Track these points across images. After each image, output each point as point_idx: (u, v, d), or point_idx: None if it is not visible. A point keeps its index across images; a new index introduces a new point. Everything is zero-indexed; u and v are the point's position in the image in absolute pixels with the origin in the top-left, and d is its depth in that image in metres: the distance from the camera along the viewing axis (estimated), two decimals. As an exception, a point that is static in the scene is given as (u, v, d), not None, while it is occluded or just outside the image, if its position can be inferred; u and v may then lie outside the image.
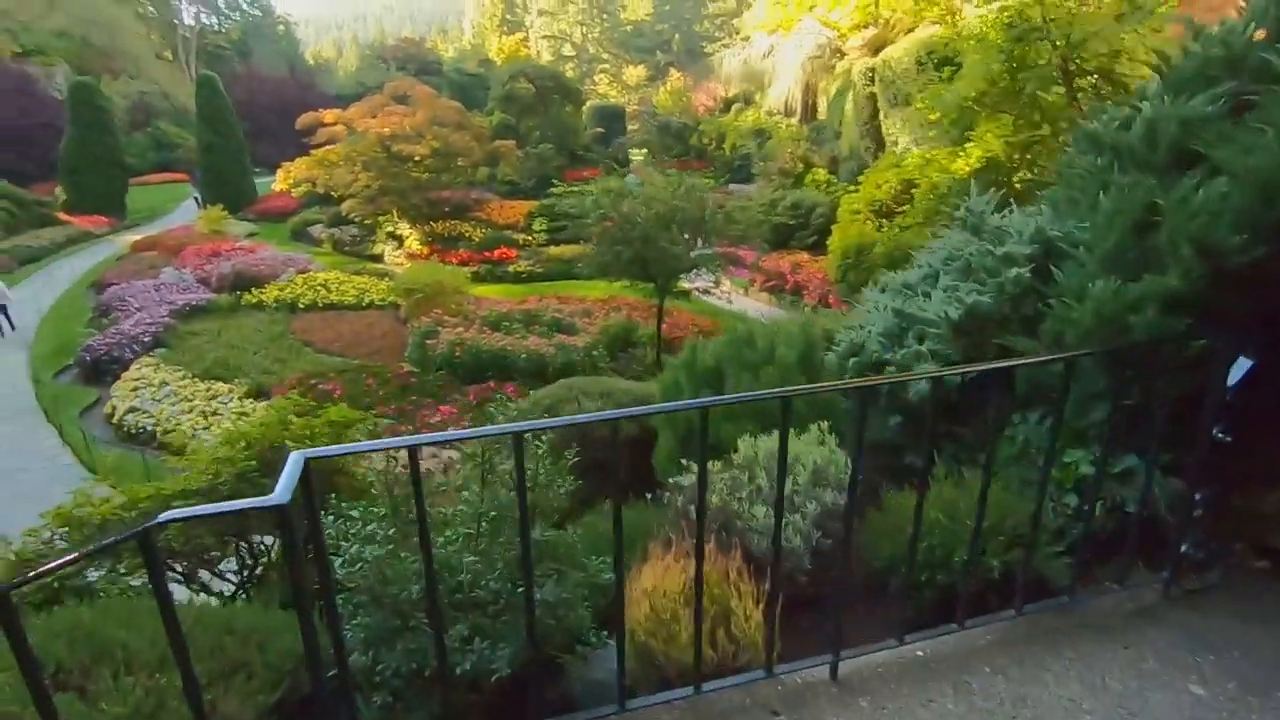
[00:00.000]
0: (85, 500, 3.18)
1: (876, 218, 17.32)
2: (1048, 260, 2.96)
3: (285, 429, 3.60)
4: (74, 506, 3.10)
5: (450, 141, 24.56)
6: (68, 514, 3.04)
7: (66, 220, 30.10)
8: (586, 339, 13.09)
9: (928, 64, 18.97)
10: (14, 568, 2.79)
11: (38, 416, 13.28)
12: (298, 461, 1.53)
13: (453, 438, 2.77)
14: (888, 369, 3.32)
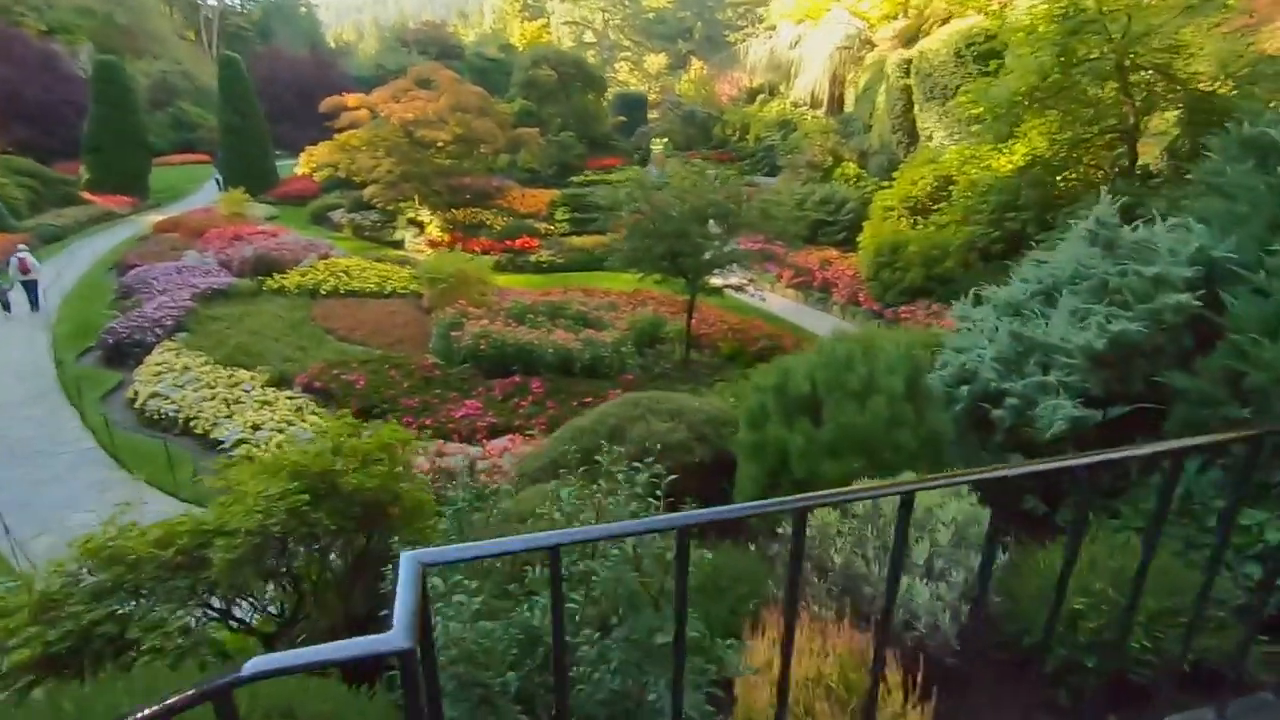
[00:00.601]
0: (118, 532, 2.90)
1: (911, 215, 16.87)
2: (1211, 284, 2.61)
3: (338, 456, 3.29)
4: (106, 539, 2.82)
5: (473, 127, 24.27)
6: (99, 547, 2.76)
7: (89, 199, 30.13)
8: (614, 334, 12.80)
9: (967, 56, 18.42)
10: (41, 606, 2.55)
11: (60, 398, 13.19)
12: (414, 571, 1.15)
13: (602, 534, 2.02)
14: (1007, 400, 2.98)
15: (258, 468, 3.31)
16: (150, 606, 2.65)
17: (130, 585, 2.57)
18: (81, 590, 2.61)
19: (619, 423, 3.76)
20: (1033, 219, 12.84)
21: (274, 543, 2.82)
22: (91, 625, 2.43)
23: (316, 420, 11.30)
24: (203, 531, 2.80)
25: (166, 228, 24.95)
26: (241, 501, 2.95)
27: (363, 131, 24.93)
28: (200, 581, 2.65)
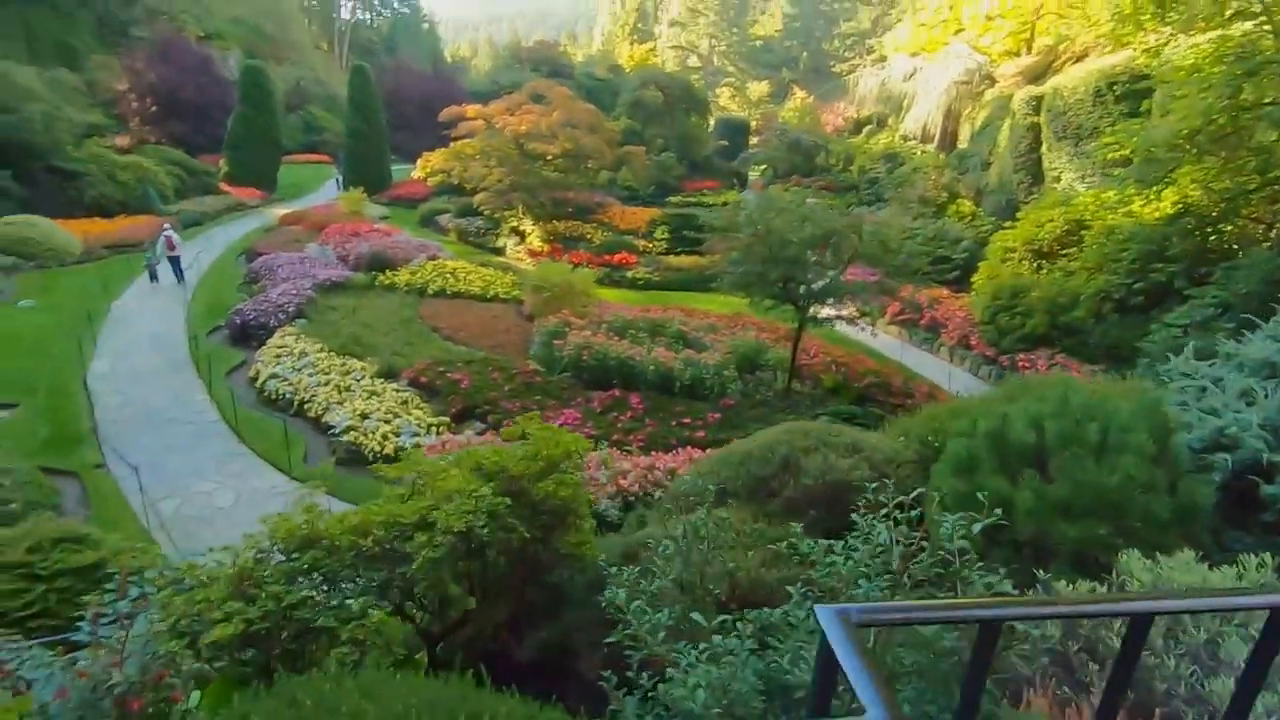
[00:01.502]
0: (316, 516, 2.89)
1: (1035, 258, 15.92)
2: None
3: (535, 461, 3.22)
4: (299, 521, 2.82)
5: (582, 143, 24.79)
6: (294, 528, 2.77)
7: (226, 190, 32.63)
8: (716, 357, 12.59)
9: (1108, 96, 17.33)
10: (238, 580, 2.57)
11: (190, 372, 14.13)
12: (843, 631, 0.94)
13: (1039, 614, 1.82)
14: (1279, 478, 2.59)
15: (447, 466, 3.29)
16: (344, 594, 2.63)
17: (326, 570, 2.56)
18: (277, 570, 2.63)
19: (791, 453, 3.55)
20: (1182, 272, 11.82)
21: (469, 544, 2.76)
22: (289, 608, 2.42)
23: (421, 414, 11.61)
24: (399, 524, 2.78)
25: (291, 220, 26.63)
26: (439, 498, 2.91)
27: (476, 141, 25.91)
28: (396, 575, 2.61)
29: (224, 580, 2.56)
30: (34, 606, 5.51)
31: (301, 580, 2.54)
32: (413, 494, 3.03)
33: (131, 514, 9.25)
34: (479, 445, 10.39)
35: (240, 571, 2.61)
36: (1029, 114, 20.61)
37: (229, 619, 2.33)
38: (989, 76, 32.56)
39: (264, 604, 2.40)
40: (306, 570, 2.56)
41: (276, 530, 2.80)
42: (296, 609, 2.45)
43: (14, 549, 5.88)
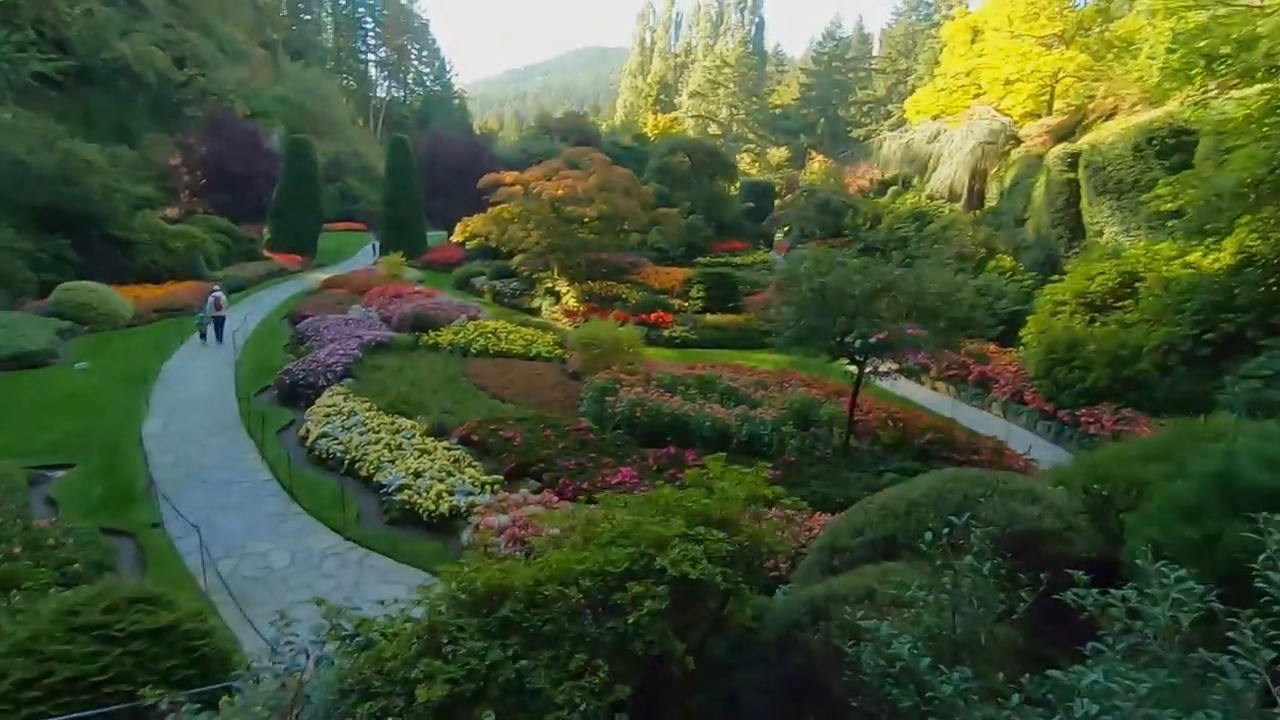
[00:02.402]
0: (512, 567, 2.64)
1: (1087, 311, 15.67)
2: None
3: (732, 503, 2.97)
4: (498, 571, 2.58)
5: (618, 206, 25.32)
6: (491, 578, 2.49)
7: (269, 256, 33.68)
8: (772, 413, 12.36)
9: (1148, 152, 17.39)
10: (428, 634, 2.34)
11: (240, 432, 14.15)
12: None
13: None
14: None
15: (652, 508, 3.09)
16: (556, 652, 2.40)
17: (528, 626, 2.35)
18: (469, 624, 2.41)
19: (967, 501, 3.31)
20: (1254, 321, 11.49)
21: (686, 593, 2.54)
22: (493, 667, 2.19)
23: (474, 473, 11.42)
24: (606, 574, 2.56)
25: (334, 284, 27.27)
26: (647, 545, 2.68)
27: (514, 205, 26.61)
28: (606, 631, 2.39)
29: (406, 636, 2.35)
30: (109, 671, 5.29)
31: (504, 637, 2.31)
32: (583, 543, 2.82)
33: (188, 574, 9.07)
34: (560, 507, 10.14)
35: (431, 624, 2.40)
36: (1064, 170, 20.73)
37: (430, 679, 2.11)
38: (1014, 136, 33.08)
39: (464, 661, 2.18)
40: (505, 625, 2.34)
41: (462, 581, 2.59)
42: (498, 668, 2.22)
43: (91, 610, 5.71)
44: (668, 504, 2.94)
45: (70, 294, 20.77)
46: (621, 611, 2.39)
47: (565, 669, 2.24)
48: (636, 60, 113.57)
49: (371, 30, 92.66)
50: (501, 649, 2.29)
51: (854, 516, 3.99)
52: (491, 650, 2.26)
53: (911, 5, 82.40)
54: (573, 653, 2.28)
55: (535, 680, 2.20)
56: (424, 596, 2.67)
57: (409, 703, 2.08)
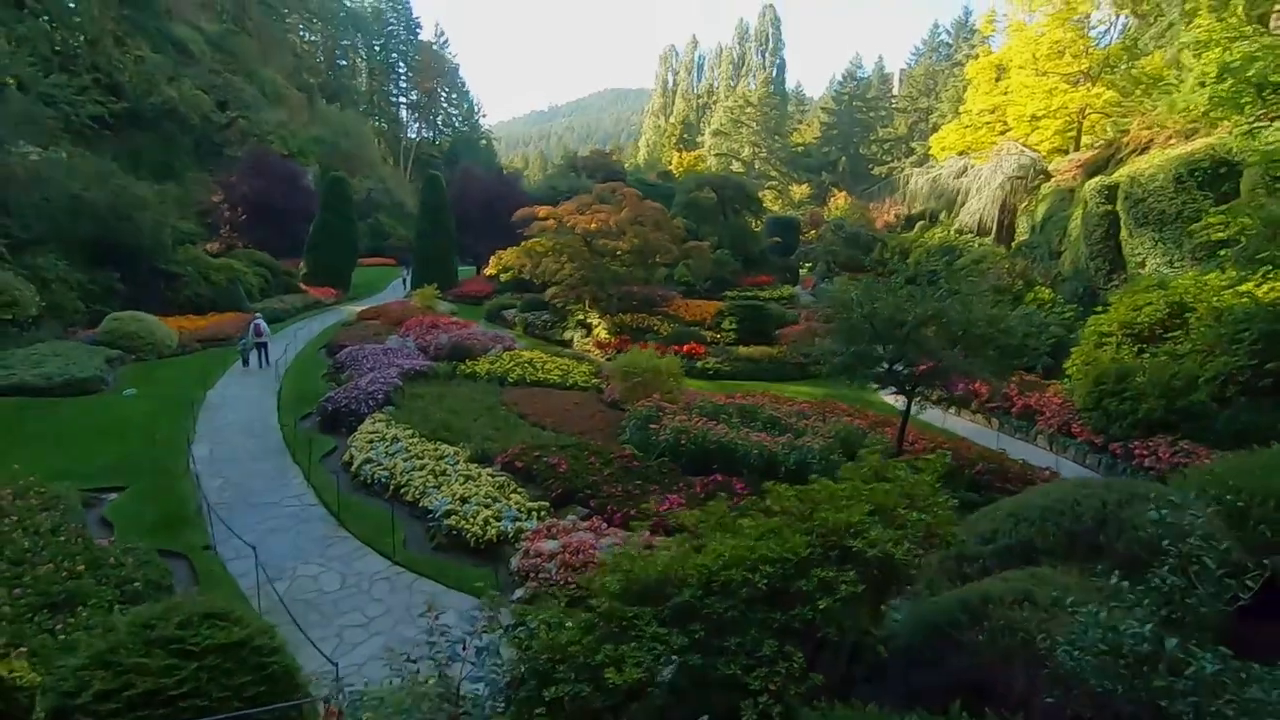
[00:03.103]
0: (686, 554, 2.59)
1: (1135, 342, 15.41)
2: None
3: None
4: (672, 559, 2.53)
5: (650, 239, 25.60)
6: (669, 565, 2.46)
7: (305, 290, 34.40)
8: (819, 441, 12.22)
9: (1190, 183, 17.28)
10: (607, 620, 2.29)
11: (285, 457, 14.29)
12: None
13: None
14: None
15: (827, 495, 3.05)
16: (739, 639, 2.35)
17: (710, 612, 2.29)
18: (645, 612, 2.36)
19: (1106, 508, 3.21)
20: (1318, 351, 11.22)
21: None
22: (680, 651, 2.15)
23: (519, 499, 11.38)
24: (786, 560, 2.51)
25: (369, 316, 27.73)
26: (835, 530, 2.63)
27: (546, 239, 27.02)
28: (794, 617, 2.34)
29: (577, 625, 2.31)
30: (186, 685, 5.27)
31: (690, 623, 2.26)
32: (765, 533, 2.72)
33: (242, 595, 9.08)
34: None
35: (609, 612, 2.36)
36: (1102, 203, 20.64)
37: (618, 664, 2.07)
38: (1043, 171, 33.11)
39: (650, 647, 2.12)
40: (682, 613, 2.29)
41: (633, 570, 2.55)
42: (684, 654, 2.17)
43: (166, 624, 5.72)
44: (832, 495, 2.89)
45: (118, 324, 21.32)
46: (803, 598, 2.34)
47: (754, 655, 2.18)
48: (659, 100, 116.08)
49: (404, 74, 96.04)
50: (686, 635, 2.24)
51: (978, 525, 3.90)
52: (674, 636, 2.21)
53: (931, 46, 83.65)
54: (760, 639, 2.22)
55: (726, 666, 2.15)
56: (588, 587, 2.63)
57: (597, 687, 2.03)
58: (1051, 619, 2.23)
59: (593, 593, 2.61)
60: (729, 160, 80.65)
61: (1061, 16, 37.66)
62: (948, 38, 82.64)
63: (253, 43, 65.94)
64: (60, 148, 29.98)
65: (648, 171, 70.10)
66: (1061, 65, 37.44)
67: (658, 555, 2.77)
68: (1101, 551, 3.04)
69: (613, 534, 10.16)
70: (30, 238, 22.79)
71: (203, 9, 62.86)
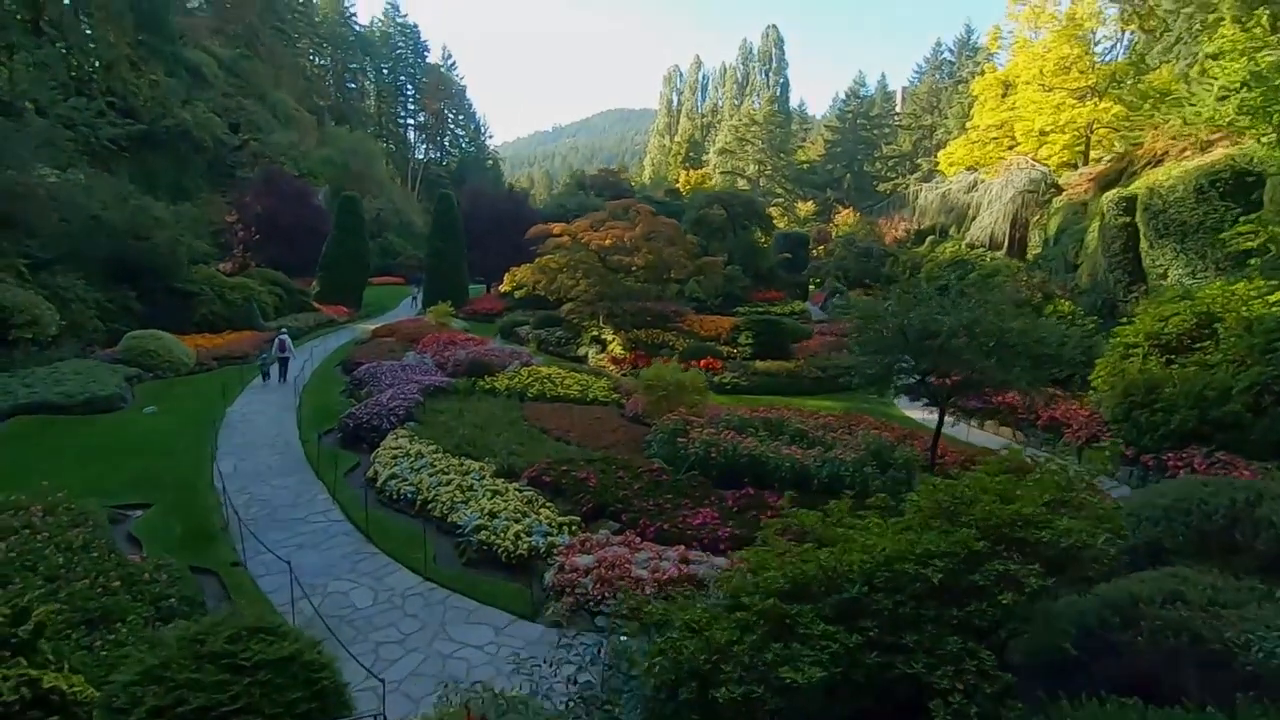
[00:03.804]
0: (845, 548, 2.50)
1: (1162, 353, 15.27)
2: None
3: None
4: (828, 555, 2.43)
5: (664, 254, 25.64)
6: (827, 561, 2.38)
7: (318, 308, 34.51)
8: (850, 454, 12.08)
9: (1211, 194, 17.25)
10: (772, 618, 2.19)
11: (308, 473, 14.20)
12: None
13: None
14: None
15: (978, 490, 2.96)
16: (917, 636, 2.24)
17: (880, 609, 2.19)
18: (807, 611, 2.26)
19: (1234, 506, 3.11)
20: (1357, 359, 11.09)
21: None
22: (853, 651, 2.05)
23: (548, 513, 11.24)
24: (954, 554, 2.40)
25: (384, 333, 27.77)
26: (1000, 521, 2.53)
27: (560, 256, 27.10)
28: (973, 614, 2.23)
29: (726, 625, 2.20)
30: (239, 700, 5.15)
31: (862, 619, 2.16)
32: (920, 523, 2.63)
33: (275, 612, 8.93)
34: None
35: (770, 610, 2.26)
36: (1120, 215, 20.61)
37: (791, 662, 1.96)
38: (1054, 185, 33.18)
39: (825, 645, 2.02)
40: (848, 609, 2.19)
41: (781, 565, 2.46)
42: (858, 652, 2.06)
43: (215, 639, 5.61)
44: (985, 490, 2.80)
45: (137, 342, 21.37)
46: (978, 593, 2.24)
47: (934, 653, 2.08)
48: (664, 120, 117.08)
49: (412, 96, 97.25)
50: (859, 633, 2.15)
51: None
52: (843, 634, 2.12)
53: (934, 64, 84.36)
54: (939, 635, 2.12)
55: (907, 665, 2.05)
56: (725, 584, 2.54)
57: (769, 686, 1.93)
58: (1213, 618, 2.14)
59: (735, 591, 2.52)
60: (734, 178, 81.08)
61: (1067, 33, 37.97)
62: (950, 55, 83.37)
63: (264, 67, 66.91)
64: (78, 169, 30.31)
65: (654, 190, 70.53)
66: (1068, 81, 37.65)
67: (809, 553, 2.68)
68: (1237, 550, 2.94)
69: (647, 548, 10.03)
70: (50, 257, 22.94)
71: (216, 34, 63.89)
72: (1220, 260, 16.72)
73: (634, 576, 9.18)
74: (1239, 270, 15.42)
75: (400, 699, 7.38)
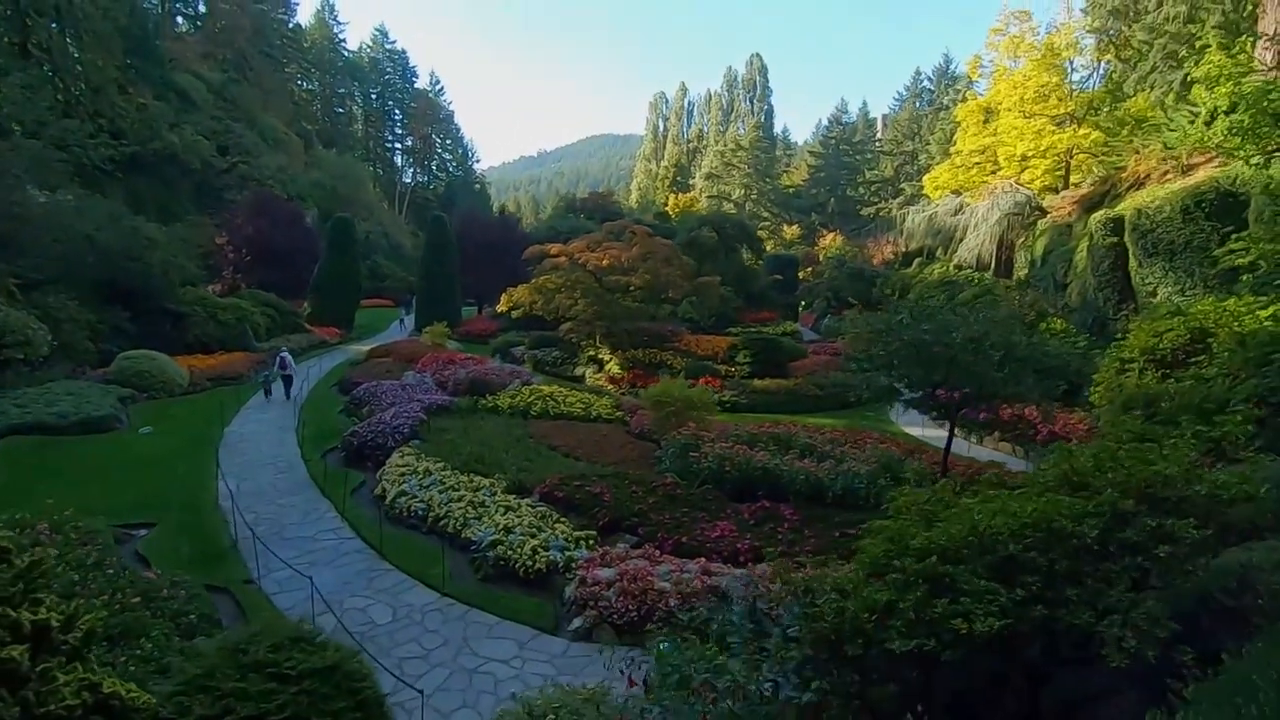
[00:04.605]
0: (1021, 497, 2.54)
1: (1158, 368, 15.59)
2: None
3: None
4: (980, 506, 2.48)
5: (661, 275, 25.85)
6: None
7: (310, 329, 34.26)
8: (863, 467, 12.17)
9: (1198, 214, 17.81)
10: (930, 577, 2.25)
11: (314, 491, 14.01)
12: None
13: None
14: None
15: (1109, 457, 3.01)
16: (1077, 590, 2.30)
17: (1042, 567, 2.24)
18: (960, 571, 2.31)
19: None
20: (1350, 370, 11.41)
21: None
22: (1019, 604, 2.09)
23: (563, 528, 11.18)
24: (1101, 514, 2.45)
25: (380, 354, 27.61)
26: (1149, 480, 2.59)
27: (557, 276, 27.21)
28: (1128, 568, 2.29)
29: (892, 582, 2.24)
30: (286, 710, 5.06)
31: (987, 578, 2.22)
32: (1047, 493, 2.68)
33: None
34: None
35: (928, 569, 2.31)
36: (1108, 235, 21.17)
37: (965, 616, 2.01)
38: (1038, 207, 34.01)
39: (991, 598, 2.07)
40: (1001, 566, 2.23)
41: (954, 525, 2.52)
42: (1023, 606, 2.11)
43: (257, 648, 5.51)
44: (1114, 457, 2.87)
45: (131, 362, 21.08)
46: (1132, 549, 2.31)
47: (1094, 606, 2.14)
48: (650, 145, 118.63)
49: (399, 121, 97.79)
50: (1021, 588, 2.20)
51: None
52: (1001, 590, 2.17)
53: (914, 91, 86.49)
54: (1098, 590, 2.18)
55: (1073, 616, 2.11)
56: (865, 554, 2.58)
57: (939, 638, 1.98)
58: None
59: (878, 559, 2.56)
60: (720, 202, 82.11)
61: (1045, 62, 39.27)
62: (930, 84, 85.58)
63: (253, 91, 67.04)
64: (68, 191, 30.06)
65: (642, 213, 71.16)
66: (1048, 108, 38.83)
67: (964, 513, 2.74)
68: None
69: (667, 561, 9.99)
70: (42, 278, 22.63)
71: (205, 58, 64.01)
72: (1208, 278, 17.20)
73: (657, 589, 9.14)
74: (1227, 287, 15.84)
75: (430, 714, 7.26)
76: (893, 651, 2.15)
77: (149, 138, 47.02)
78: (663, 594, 9.05)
